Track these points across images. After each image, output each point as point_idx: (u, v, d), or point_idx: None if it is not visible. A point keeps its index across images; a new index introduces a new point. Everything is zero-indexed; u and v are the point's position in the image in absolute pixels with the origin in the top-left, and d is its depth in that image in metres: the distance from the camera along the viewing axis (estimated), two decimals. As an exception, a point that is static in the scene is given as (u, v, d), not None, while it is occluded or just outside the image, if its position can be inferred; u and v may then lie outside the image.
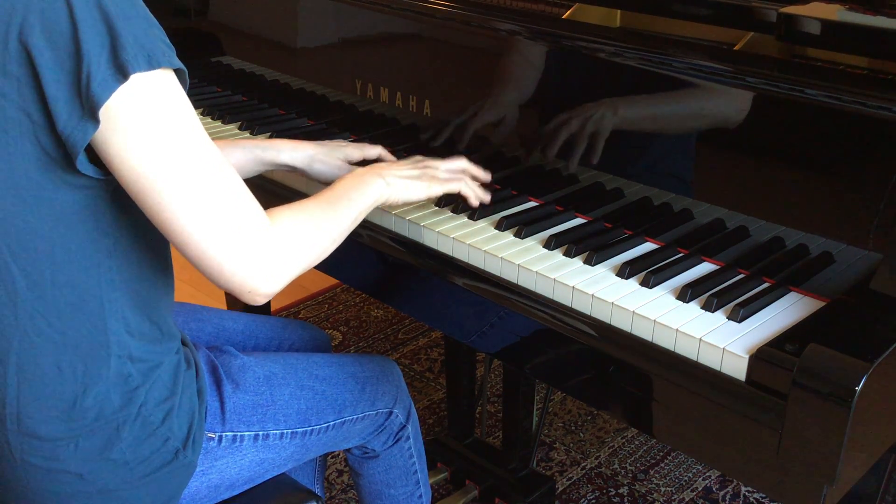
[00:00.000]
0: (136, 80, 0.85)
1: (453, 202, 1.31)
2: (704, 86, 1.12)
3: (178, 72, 0.90)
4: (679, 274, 1.13)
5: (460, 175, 1.25)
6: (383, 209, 1.29)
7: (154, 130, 0.87)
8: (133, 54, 0.84)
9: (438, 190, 1.22)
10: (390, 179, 1.17)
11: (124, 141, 0.86)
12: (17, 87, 0.86)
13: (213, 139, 1.56)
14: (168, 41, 0.90)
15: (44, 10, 0.83)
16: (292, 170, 1.35)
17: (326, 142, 1.37)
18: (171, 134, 0.88)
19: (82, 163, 0.89)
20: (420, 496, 1.45)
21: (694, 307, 1.05)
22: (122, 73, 0.84)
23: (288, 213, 1.02)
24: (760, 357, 0.94)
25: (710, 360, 0.98)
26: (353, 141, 1.58)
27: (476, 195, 1.25)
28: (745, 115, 1.09)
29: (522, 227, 1.23)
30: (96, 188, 0.93)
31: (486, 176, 1.30)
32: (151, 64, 0.86)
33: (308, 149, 1.33)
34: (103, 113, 0.85)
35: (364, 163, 1.38)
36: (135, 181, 0.89)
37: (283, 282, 0.98)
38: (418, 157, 1.27)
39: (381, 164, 1.21)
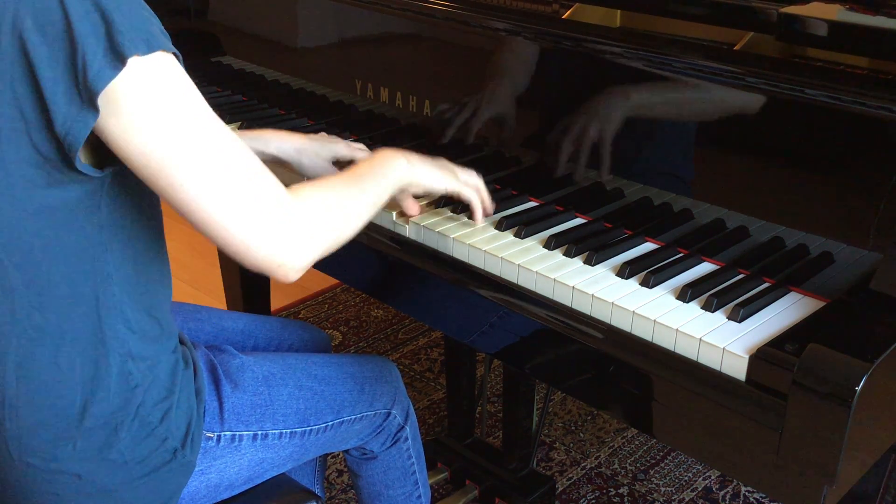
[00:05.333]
0: (135, 63, 0.84)
1: (452, 202, 1.30)
2: (704, 86, 1.12)
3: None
4: (679, 274, 1.13)
5: (474, 188, 1.25)
6: (383, 210, 1.28)
7: (160, 111, 0.86)
8: (130, 38, 0.84)
9: (456, 186, 1.21)
10: (413, 161, 1.16)
11: (129, 124, 0.85)
12: (12, 84, 0.85)
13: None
14: (164, 29, 0.89)
15: (34, 3, 0.83)
16: (279, 162, 1.34)
17: (318, 136, 1.37)
18: (178, 113, 0.87)
19: (78, 161, 0.88)
20: (419, 497, 1.45)
21: (694, 307, 1.05)
22: (118, 59, 0.83)
23: (310, 188, 1.01)
24: (760, 357, 0.94)
25: (710, 360, 0.98)
26: (353, 141, 1.58)
27: (484, 210, 1.25)
28: (745, 115, 1.09)
29: (522, 227, 1.23)
30: (91, 184, 0.92)
31: (490, 204, 1.28)
32: (151, 47, 0.85)
33: (297, 141, 1.33)
34: (102, 99, 0.84)
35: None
36: (145, 164, 0.87)
37: (312, 255, 0.97)
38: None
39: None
